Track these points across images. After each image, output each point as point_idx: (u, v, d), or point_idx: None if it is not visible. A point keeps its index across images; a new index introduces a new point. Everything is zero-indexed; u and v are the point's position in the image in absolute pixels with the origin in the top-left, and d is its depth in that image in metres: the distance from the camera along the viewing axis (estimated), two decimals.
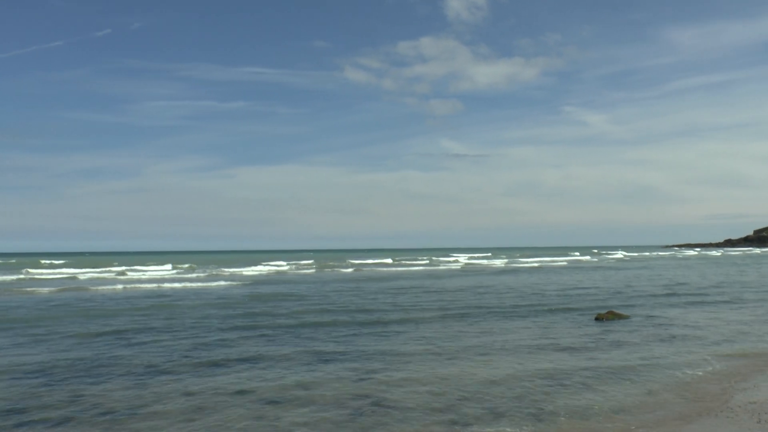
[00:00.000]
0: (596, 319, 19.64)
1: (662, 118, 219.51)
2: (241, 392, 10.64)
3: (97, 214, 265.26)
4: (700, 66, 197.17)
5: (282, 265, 69.54)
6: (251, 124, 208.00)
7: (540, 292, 30.69)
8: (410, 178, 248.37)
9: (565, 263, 77.66)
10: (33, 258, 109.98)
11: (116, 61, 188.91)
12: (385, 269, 63.78)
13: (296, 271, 59.26)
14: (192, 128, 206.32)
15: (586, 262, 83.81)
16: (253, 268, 62.50)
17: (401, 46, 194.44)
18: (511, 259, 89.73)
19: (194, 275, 51.44)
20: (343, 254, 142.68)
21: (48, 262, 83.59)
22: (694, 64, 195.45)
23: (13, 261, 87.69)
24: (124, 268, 60.17)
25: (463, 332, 17.31)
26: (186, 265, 67.81)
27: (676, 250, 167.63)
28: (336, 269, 62.89)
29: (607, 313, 20.19)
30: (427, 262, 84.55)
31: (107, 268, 58.82)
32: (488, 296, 28.82)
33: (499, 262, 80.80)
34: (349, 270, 61.13)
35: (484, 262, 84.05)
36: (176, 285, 39.04)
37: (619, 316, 19.84)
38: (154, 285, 38.92)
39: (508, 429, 8.60)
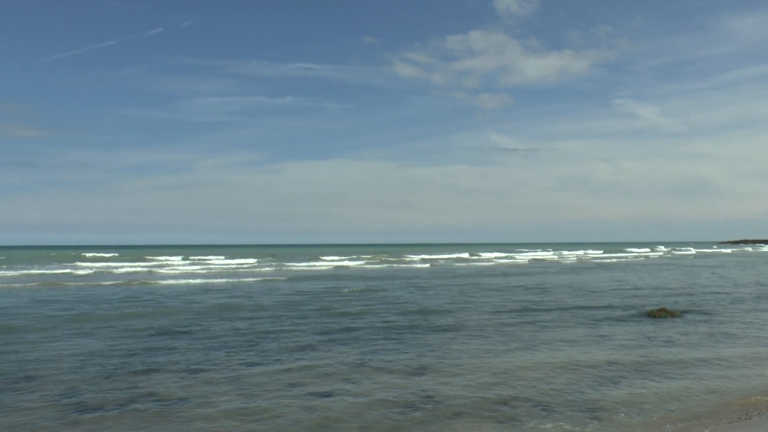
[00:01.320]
0: (648, 315, 19.28)
1: (717, 110, 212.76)
2: (292, 384, 10.73)
3: (149, 208, 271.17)
4: (758, 55, 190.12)
5: (343, 259, 69.73)
6: (300, 120, 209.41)
7: (600, 290, 30.24)
8: (458, 173, 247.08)
9: (642, 259, 76.22)
10: (87, 250, 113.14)
11: (167, 59, 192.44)
12: (462, 264, 63.23)
13: (368, 266, 58.86)
14: (241, 124, 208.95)
15: (655, 258, 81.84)
16: (315, 263, 62.61)
17: (450, 41, 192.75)
18: (571, 254, 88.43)
19: (264, 269, 51.66)
20: (393, 249, 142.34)
21: (110, 255, 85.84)
22: (752, 53, 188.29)
23: (88, 255, 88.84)
24: (196, 258, 61.01)
25: (517, 328, 17.18)
26: (253, 260, 68.29)
27: (737, 247, 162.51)
28: (409, 264, 62.27)
29: (659, 310, 19.79)
30: (494, 257, 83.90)
31: (165, 258, 60.06)
32: (553, 293, 28.45)
33: (568, 258, 79.82)
34: (425, 265, 59.95)
35: (554, 257, 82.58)
36: (250, 279, 39.62)
37: (672, 314, 19.42)
38: (234, 279, 39.55)
39: (563, 425, 8.49)
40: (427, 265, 59.89)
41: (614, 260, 72.34)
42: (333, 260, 68.73)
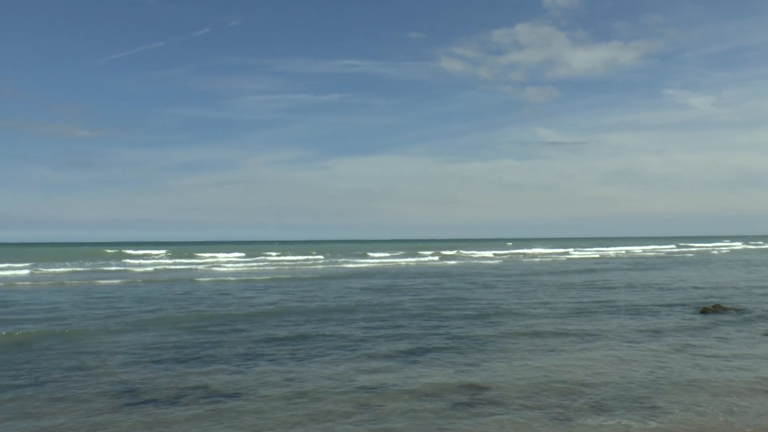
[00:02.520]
0: (701, 312, 18.82)
1: None
2: (343, 380, 10.79)
3: (198, 205, 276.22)
4: None
5: (394, 256, 69.74)
6: (346, 116, 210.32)
7: (655, 285, 29.69)
8: (505, 167, 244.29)
9: (715, 252, 74.42)
10: (139, 247, 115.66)
11: (215, 58, 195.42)
12: (527, 261, 62.69)
13: (440, 263, 58.68)
14: (288, 121, 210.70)
15: (715, 254, 79.82)
16: (364, 259, 62.71)
17: (496, 34, 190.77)
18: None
19: (317, 266, 51.93)
20: (442, 244, 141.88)
21: (162, 252, 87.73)
22: None
23: (141, 252, 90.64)
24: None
25: (566, 324, 17.01)
26: (303, 257, 68.62)
27: None
28: (480, 261, 61.64)
29: (714, 306, 19.30)
30: (550, 252, 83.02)
31: (218, 255, 61.03)
32: (609, 289, 28.07)
33: (618, 252, 78.49)
34: (497, 262, 59.35)
35: (609, 253, 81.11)
36: (307, 276, 39.99)
37: (726, 310, 18.91)
38: (289, 276, 40.01)
39: (615, 422, 8.35)
40: (498, 261, 59.70)
41: (670, 255, 70.69)
42: (385, 257, 68.54)
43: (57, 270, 43.54)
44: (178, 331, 16.22)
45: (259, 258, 66.35)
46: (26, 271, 41.55)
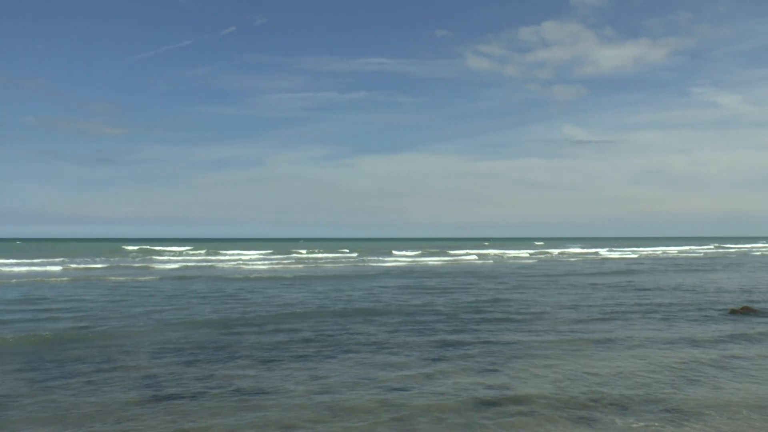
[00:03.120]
0: (730, 313, 18.55)
1: None
2: (365, 376, 10.86)
3: (223, 202, 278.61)
4: None
5: (420, 254, 69.70)
6: (372, 114, 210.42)
7: (682, 287, 29.27)
8: (531, 166, 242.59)
9: (758, 253, 73.46)
10: (165, 243, 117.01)
11: (241, 56, 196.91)
12: (568, 260, 62.18)
13: (473, 262, 58.48)
14: (314, 119, 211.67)
15: (744, 255, 78.09)
16: (390, 257, 62.65)
17: (523, 32, 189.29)
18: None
19: (341, 265, 52.08)
20: (468, 243, 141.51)
21: (186, 248, 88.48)
22: None
23: (188, 249, 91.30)
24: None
25: (594, 326, 16.90)
26: (344, 253, 68.83)
27: None
28: (516, 260, 61.04)
29: (742, 308, 19.00)
30: (579, 252, 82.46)
31: (242, 252, 61.26)
32: (638, 290, 27.80)
33: (644, 252, 77.68)
34: (532, 261, 58.91)
35: (636, 253, 79.60)
36: (332, 274, 39.96)
37: (756, 312, 18.62)
38: (314, 273, 40.13)
39: (642, 424, 8.26)
40: (533, 260, 59.33)
41: (708, 255, 69.54)
42: (412, 255, 68.66)
43: (88, 266, 44.33)
44: (204, 328, 16.38)
45: (285, 256, 66.77)
46: (59, 267, 42.13)
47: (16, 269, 40.20)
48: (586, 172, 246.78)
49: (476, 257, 65.94)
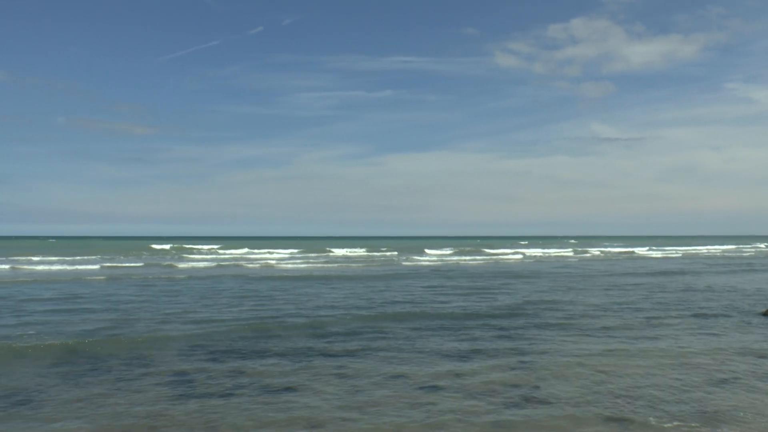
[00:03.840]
0: (763, 314, 18.29)
1: None
2: (395, 376, 10.87)
3: (251, 201, 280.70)
4: None
5: (455, 253, 69.44)
6: (400, 113, 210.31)
7: (713, 288, 29.03)
8: (559, 164, 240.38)
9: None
10: (194, 242, 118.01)
11: (269, 56, 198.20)
12: (619, 259, 61.74)
13: (513, 260, 58.14)
14: (342, 118, 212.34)
15: None
16: (422, 256, 62.43)
17: (551, 29, 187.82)
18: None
19: (374, 265, 52.02)
20: (499, 242, 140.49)
21: (215, 246, 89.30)
22: None
23: (218, 247, 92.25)
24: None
25: (627, 325, 16.76)
26: (364, 251, 68.88)
27: None
28: (558, 259, 60.89)
29: None
30: (616, 251, 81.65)
31: (274, 251, 61.55)
32: (667, 291, 27.50)
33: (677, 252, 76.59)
34: (573, 260, 58.71)
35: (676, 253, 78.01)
36: (364, 274, 39.85)
37: None
38: (348, 272, 40.05)
39: (675, 425, 8.15)
40: (575, 259, 58.83)
41: (748, 255, 68.20)
42: (444, 254, 68.38)
43: (122, 264, 45.10)
44: (235, 327, 16.50)
45: (317, 254, 67.09)
46: (96, 266, 42.81)
47: (55, 267, 40.95)
48: (615, 169, 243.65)
49: (520, 256, 65.34)
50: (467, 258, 60.80)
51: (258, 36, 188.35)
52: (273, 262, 51.74)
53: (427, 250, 76.02)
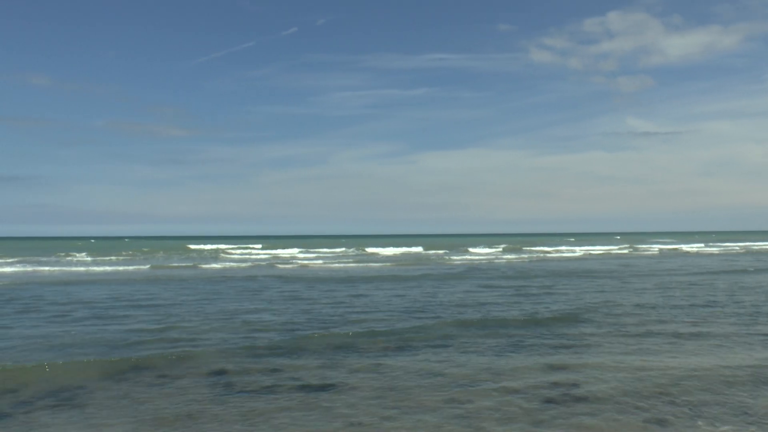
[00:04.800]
0: None
1: None
2: (431, 374, 10.67)
3: (287, 200, 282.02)
4: None
5: (500, 250, 67.84)
6: (434, 110, 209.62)
7: (762, 285, 27.77)
8: (595, 159, 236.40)
9: None
10: (232, 241, 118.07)
11: (303, 56, 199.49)
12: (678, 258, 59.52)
13: (575, 257, 57.21)
14: (376, 116, 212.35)
15: None
16: (467, 256, 61.77)
17: (587, 23, 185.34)
18: None
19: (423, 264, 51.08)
20: (535, 239, 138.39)
21: (254, 246, 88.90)
22: None
23: (258, 246, 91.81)
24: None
25: (670, 324, 16.20)
26: (417, 248, 68.27)
27: None
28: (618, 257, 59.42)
29: None
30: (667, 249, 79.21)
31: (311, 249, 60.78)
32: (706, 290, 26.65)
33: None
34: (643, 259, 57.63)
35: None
36: (416, 274, 39.00)
37: None
38: (395, 272, 39.40)
39: (715, 428, 7.87)
40: (632, 255, 57.19)
41: None
42: (489, 252, 67.25)
43: (170, 265, 45.40)
44: (275, 324, 16.48)
45: (356, 253, 66.45)
46: (147, 266, 43.22)
47: (109, 269, 41.08)
48: (653, 164, 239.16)
49: (576, 253, 63.91)
50: (512, 256, 59.47)
51: (292, 36, 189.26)
52: (312, 261, 51.26)
53: (471, 249, 74.16)
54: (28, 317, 17.60)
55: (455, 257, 56.42)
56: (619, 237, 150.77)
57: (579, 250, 70.53)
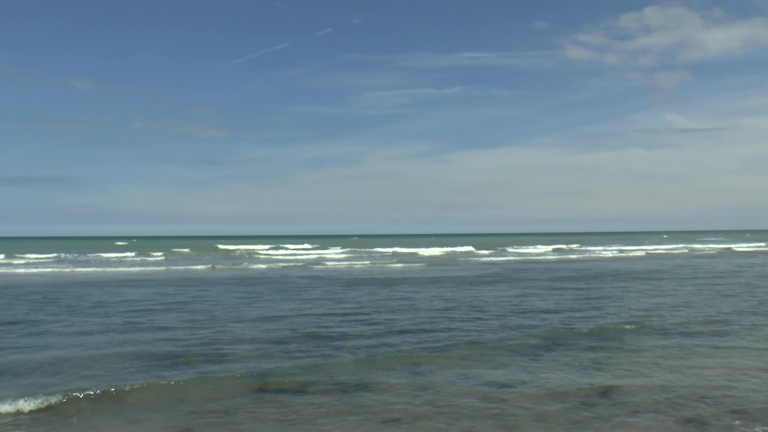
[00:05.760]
0: None
1: None
2: (466, 375, 10.63)
3: (323, 200, 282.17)
4: None
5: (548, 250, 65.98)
6: (469, 109, 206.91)
7: None
8: (633, 157, 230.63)
9: None
10: (273, 241, 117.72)
11: (337, 56, 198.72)
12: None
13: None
14: (411, 116, 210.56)
15: None
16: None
17: (624, 19, 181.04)
18: None
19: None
20: (574, 238, 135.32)
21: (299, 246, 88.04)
22: None
23: (307, 246, 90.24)
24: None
25: (710, 327, 15.77)
26: (466, 248, 66.72)
27: None
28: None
29: None
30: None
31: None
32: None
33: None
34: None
35: None
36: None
37: None
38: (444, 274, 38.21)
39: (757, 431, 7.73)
40: (692, 255, 55.20)
41: None
42: (539, 251, 65.60)
43: (229, 265, 45.20)
44: (311, 324, 16.52)
45: (398, 252, 65.07)
46: (206, 266, 43.58)
47: (174, 268, 41.43)
48: (693, 161, 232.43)
49: (642, 253, 61.54)
50: (557, 256, 57.60)
51: (327, 37, 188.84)
52: (359, 262, 49.90)
53: (513, 248, 72.11)
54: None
55: (498, 258, 54.46)
56: (666, 236, 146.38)
57: (634, 250, 68.01)
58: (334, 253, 65.16)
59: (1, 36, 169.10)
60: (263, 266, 43.46)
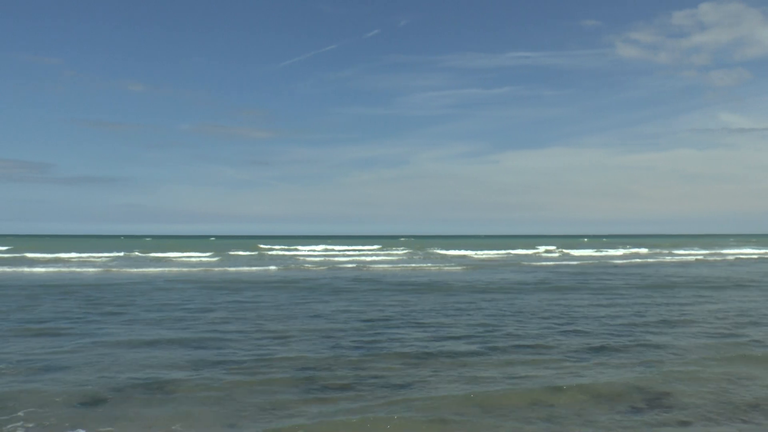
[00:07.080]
0: None
1: None
2: (513, 376, 10.56)
3: (369, 200, 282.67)
4: None
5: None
6: (517, 109, 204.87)
7: None
8: (684, 157, 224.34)
9: None
10: (321, 241, 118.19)
11: (385, 57, 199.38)
12: None
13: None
14: (458, 116, 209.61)
15: None
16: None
17: (677, 16, 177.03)
18: None
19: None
20: (620, 240, 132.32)
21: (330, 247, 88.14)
22: None
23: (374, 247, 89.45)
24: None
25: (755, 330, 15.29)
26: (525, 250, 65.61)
27: None
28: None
29: None
30: None
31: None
32: None
33: None
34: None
35: None
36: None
37: None
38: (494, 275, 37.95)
39: None
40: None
41: None
42: (610, 254, 63.66)
43: (298, 266, 47.25)
44: (359, 323, 16.66)
45: (446, 254, 64.66)
46: (276, 267, 43.32)
47: (245, 269, 41.45)
48: (749, 162, 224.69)
49: (731, 258, 58.23)
50: (623, 261, 53.97)
51: (374, 38, 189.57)
52: (420, 265, 48.43)
53: (572, 251, 70.33)
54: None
55: (565, 261, 51.59)
56: (733, 240, 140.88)
57: (724, 254, 64.17)
58: (391, 254, 65.05)
59: (60, 41, 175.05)
60: (313, 267, 43.42)
